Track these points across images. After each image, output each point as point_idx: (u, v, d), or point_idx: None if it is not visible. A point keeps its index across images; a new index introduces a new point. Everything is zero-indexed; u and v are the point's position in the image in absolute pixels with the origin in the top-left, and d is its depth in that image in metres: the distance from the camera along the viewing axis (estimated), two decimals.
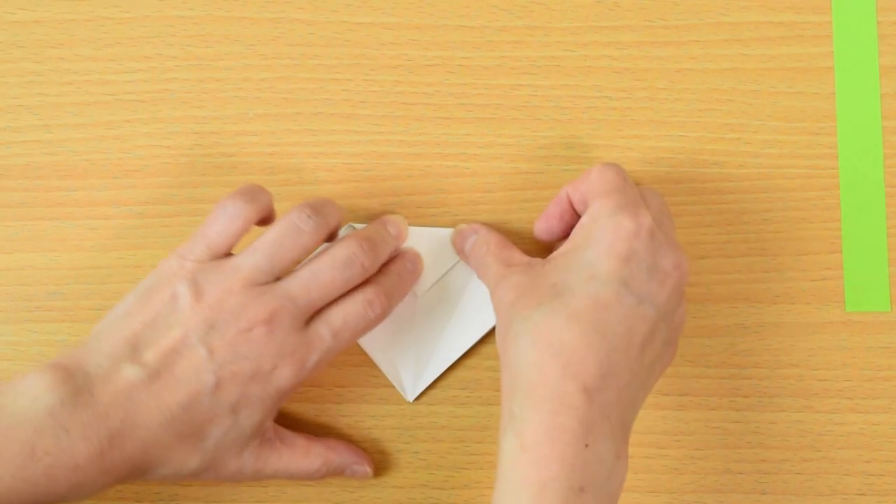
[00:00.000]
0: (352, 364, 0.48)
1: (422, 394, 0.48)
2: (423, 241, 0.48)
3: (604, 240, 0.40)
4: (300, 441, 0.44)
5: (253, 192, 0.43)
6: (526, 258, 0.44)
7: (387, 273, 0.45)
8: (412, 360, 0.48)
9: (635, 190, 0.42)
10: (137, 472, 0.40)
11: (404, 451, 0.48)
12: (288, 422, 0.48)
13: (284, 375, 0.41)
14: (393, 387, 0.48)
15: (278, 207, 0.49)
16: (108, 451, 0.38)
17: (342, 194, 0.49)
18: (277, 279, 0.42)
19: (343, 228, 0.48)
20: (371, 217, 0.49)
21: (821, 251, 0.49)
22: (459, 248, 0.47)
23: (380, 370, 0.48)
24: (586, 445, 0.37)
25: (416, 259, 0.47)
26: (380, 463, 0.48)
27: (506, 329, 0.40)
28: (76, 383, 0.39)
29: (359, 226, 0.48)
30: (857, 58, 0.50)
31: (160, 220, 0.49)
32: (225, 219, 0.42)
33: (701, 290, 0.49)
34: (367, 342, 0.48)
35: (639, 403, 0.40)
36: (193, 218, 0.49)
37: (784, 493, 0.47)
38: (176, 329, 0.40)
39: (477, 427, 0.48)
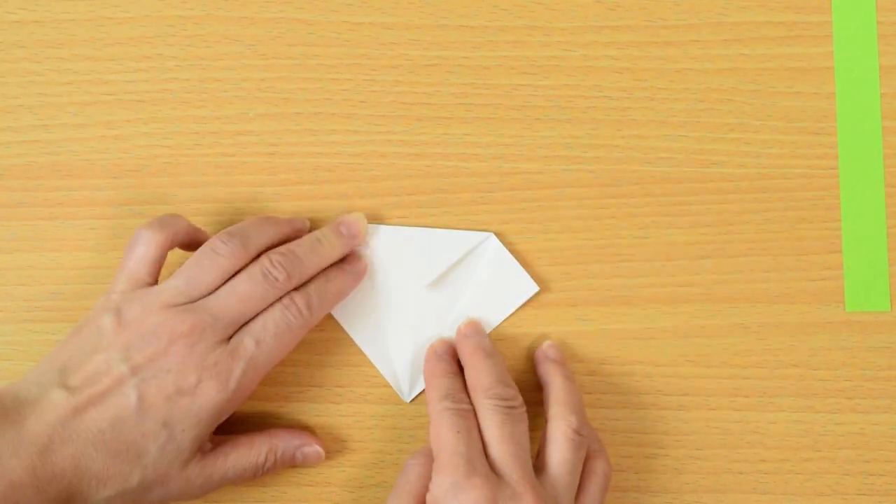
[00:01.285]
0: (352, 364, 0.48)
1: (420, 394, 0.48)
2: (422, 240, 0.48)
3: None
4: (241, 438, 0.45)
5: (163, 220, 0.45)
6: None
7: (316, 279, 0.45)
8: (410, 360, 0.48)
9: (467, 441, 0.42)
10: (76, 492, 0.40)
11: (404, 451, 0.48)
12: (287, 422, 0.48)
13: (211, 388, 0.41)
14: (391, 387, 0.48)
15: (279, 207, 0.49)
16: (40, 466, 0.39)
17: (342, 194, 0.49)
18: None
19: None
20: (371, 217, 0.49)
21: (821, 251, 0.49)
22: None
23: (379, 370, 0.48)
24: None
25: (354, 261, 0.47)
26: (380, 463, 0.48)
27: None
28: (4, 406, 0.40)
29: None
30: (857, 58, 0.50)
31: None
32: (138, 248, 0.44)
33: (701, 290, 0.49)
34: (365, 343, 0.48)
35: None
36: (193, 218, 0.49)
37: (784, 493, 0.47)
38: (99, 353, 0.41)
39: None
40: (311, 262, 0.45)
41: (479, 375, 0.44)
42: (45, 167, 0.50)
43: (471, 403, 0.44)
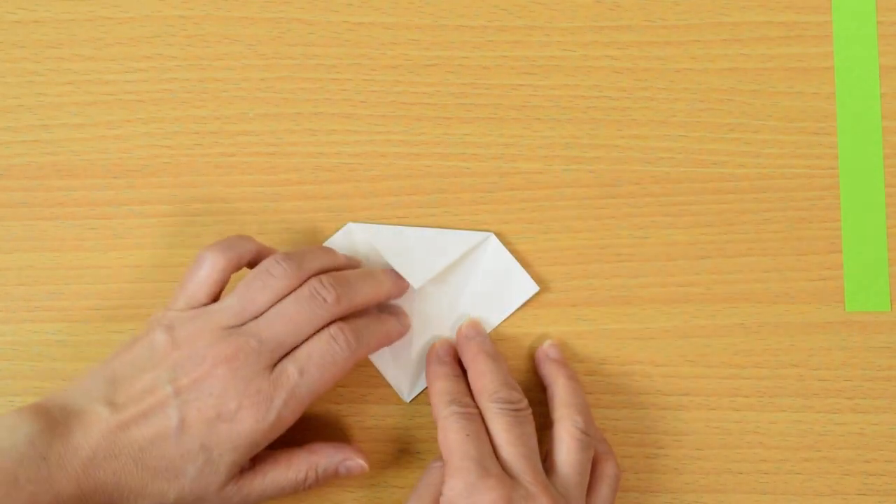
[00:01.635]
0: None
1: (420, 393, 0.48)
2: (422, 240, 0.48)
3: None
4: (280, 455, 0.44)
5: (230, 243, 0.45)
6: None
7: (364, 314, 0.45)
8: (410, 360, 0.48)
9: (476, 444, 0.42)
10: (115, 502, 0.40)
11: (404, 451, 0.48)
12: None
13: (250, 416, 0.41)
14: (391, 387, 0.48)
15: (279, 207, 0.49)
16: (84, 479, 0.39)
17: (342, 194, 0.49)
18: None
19: (342, 230, 0.48)
20: (371, 217, 0.49)
21: (821, 251, 0.49)
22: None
23: (379, 370, 0.48)
24: None
25: (403, 315, 0.48)
26: (380, 463, 0.48)
27: None
28: (53, 416, 0.40)
29: (357, 225, 0.48)
30: (857, 58, 0.50)
31: (160, 220, 0.49)
32: (201, 270, 0.44)
33: (701, 290, 0.49)
34: None
35: None
36: (193, 218, 0.49)
37: (784, 493, 0.47)
38: (148, 371, 0.41)
39: None
40: (361, 291, 0.45)
41: (484, 379, 0.44)
42: (45, 167, 0.50)
43: (476, 406, 0.44)
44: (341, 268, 0.46)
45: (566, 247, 0.49)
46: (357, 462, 0.45)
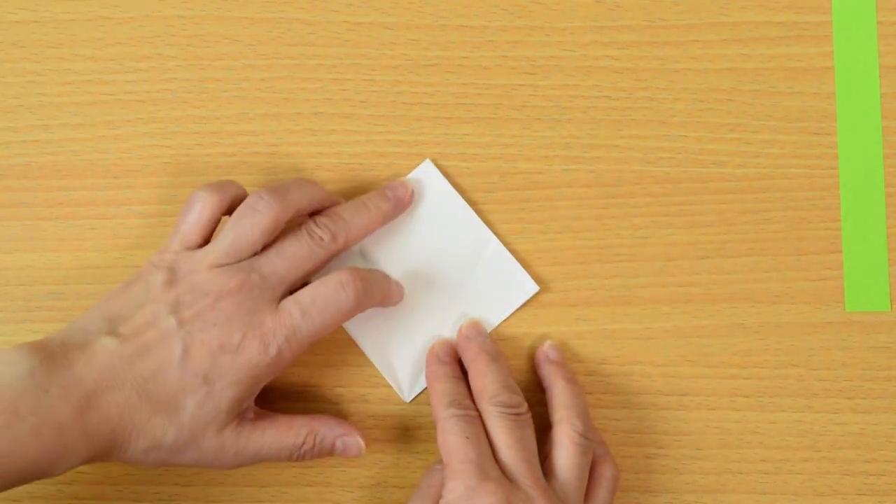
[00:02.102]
0: (352, 364, 0.48)
1: (422, 394, 0.48)
2: (449, 210, 0.48)
3: None
4: (281, 417, 0.44)
5: (220, 184, 0.45)
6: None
7: (374, 270, 0.46)
8: (409, 360, 0.48)
9: (476, 447, 0.42)
10: (119, 441, 0.40)
11: (404, 451, 0.48)
12: None
13: (253, 348, 0.41)
14: (392, 387, 0.48)
15: None
16: (87, 411, 0.39)
17: (342, 194, 0.49)
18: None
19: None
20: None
21: (821, 251, 0.49)
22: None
23: (379, 370, 0.48)
24: None
25: (400, 284, 0.48)
26: (379, 463, 0.48)
27: None
28: (52, 350, 0.40)
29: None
30: (857, 58, 0.50)
31: (160, 220, 0.49)
32: (192, 211, 0.44)
33: (701, 290, 0.49)
34: (365, 342, 0.48)
35: None
36: None
37: (784, 493, 0.47)
38: (148, 306, 0.42)
39: None
40: (356, 224, 0.46)
41: (484, 381, 0.44)
42: (45, 167, 0.50)
43: (476, 408, 0.44)
44: (325, 201, 0.46)
45: (566, 247, 0.49)
46: (355, 440, 0.45)
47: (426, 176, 0.49)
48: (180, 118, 0.50)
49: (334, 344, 0.48)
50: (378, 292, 0.45)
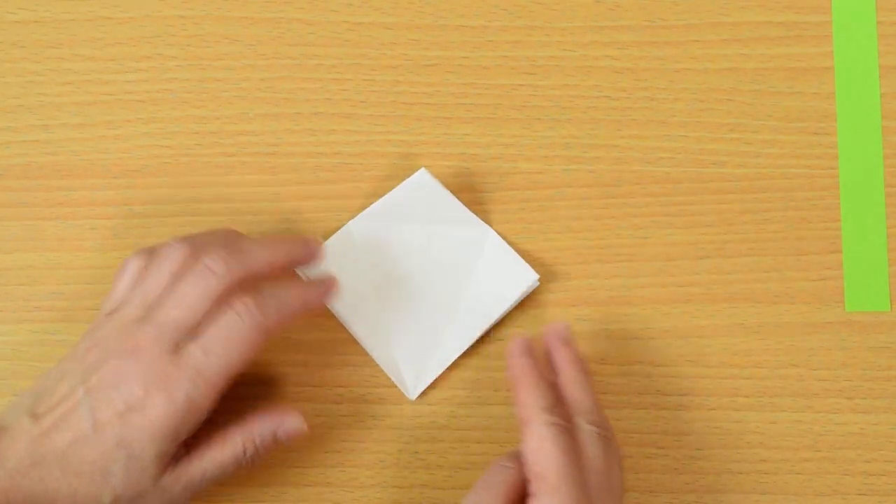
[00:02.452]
0: (352, 364, 0.48)
1: (422, 394, 0.48)
2: (445, 210, 0.48)
3: None
4: (214, 434, 0.43)
5: (152, 246, 0.44)
6: None
7: (274, 284, 0.43)
8: (414, 357, 0.48)
9: (575, 471, 0.40)
10: None
11: (404, 451, 0.48)
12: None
13: (159, 402, 0.40)
14: (393, 386, 0.48)
15: (279, 208, 0.49)
16: (10, 489, 0.39)
17: (342, 194, 0.49)
18: None
19: (341, 230, 0.48)
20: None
21: (821, 251, 0.49)
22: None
23: (380, 369, 0.48)
24: None
25: (328, 281, 0.45)
26: (380, 463, 0.48)
27: None
28: None
29: (353, 224, 0.48)
30: (857, 58, 0.50)
31: (160, 220, 0.49)
32: (124, 275, 0.43)
33: (701, 290, 0.49)
34: (368, 339, 0.48)
35: None
36: (193, 218, 0.49)
37: (784, 493, 0.47)
38: (66, 379, 0.41)
39: (477, 427, 0.48)
40: (256, 256, 0.43)
41: (583, 394, 0.42)
42: (45, 167, 0.50)
43: (571, 420, 0.42)
44: (243, 245, 0.44)
45: (566, 247, 0.49)
46: (293, 423, 0.44)
47: (421, 182, 0.49)
48: (180, 118, 0.50)
49: (334, 344, 0.48)
50: (283, 307, 0.42)
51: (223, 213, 0.49)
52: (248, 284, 0.42)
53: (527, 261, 0.49)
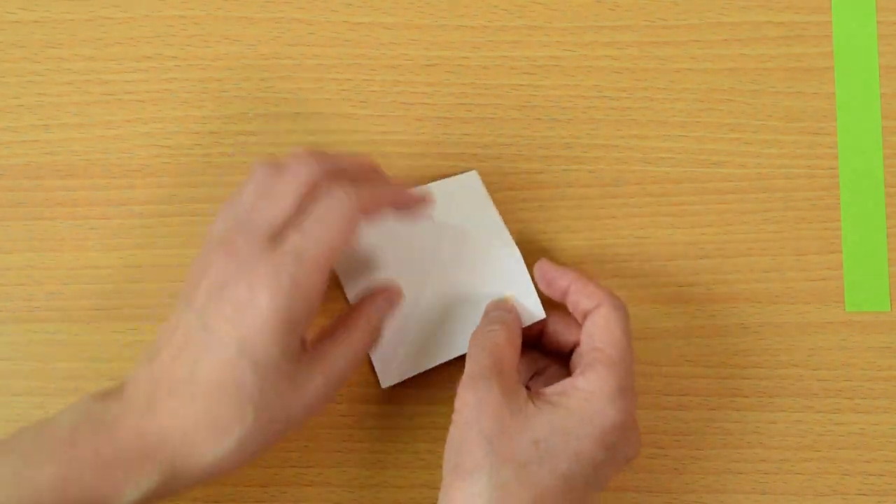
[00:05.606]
0: None
1: (422, 393, 0.48)
2: (480, 216, 0.48)
3: (597, 424, 0.40)
4: (336, 330, 0.42)
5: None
6: (516, 375, 0.42)
7: (365, 181, 0.42)
8: (400, 347, 0.47)
9: (631, 354, 0.42)
10: (189, 453, 0.38)
11: (404, 452, 0.48)
12: None
13: (265, 292, 0.38)
14: (394, 387, 0.48)
15: None
16: (145, 427, 0.38)
17: None
18: None
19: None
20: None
21: (821, 251, 0.49)
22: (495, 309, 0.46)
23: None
24: None
25: (420, 194, 0.44)
26: (380, 463, 0.48)
27: (477, 459, 0.39)
28: (106, 391, 0.40)
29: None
30: (857, 58, 0.50)
31: (160, 219, 0.49)
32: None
33: (701, 290, 0.49)
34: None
35: None
36: (193, 218, 0.49)
37: (784, 493, 0.47)
38: (174, 314, 0.40)
39: None
40: (345, 161, 0.42)
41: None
42: (45, 167, 0.50)
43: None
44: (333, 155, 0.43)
45: (566, 247, 0.49)
46: (394, 291, 0.45)
47: (468, 183, 0.48)
48: (180, 118, 0.50)
49: None
50: (378, 191, 0.41)
51: None
52: (340, 177, 0.41)
53: (526, 261, 0.49)
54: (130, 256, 0.49)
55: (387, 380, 0.47)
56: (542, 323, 0.46)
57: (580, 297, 0.44)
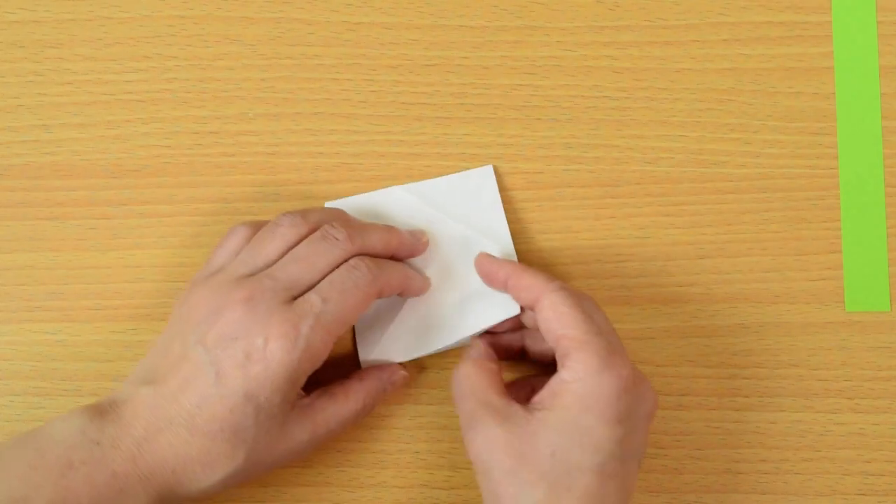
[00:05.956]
0: (352, 364, 0.48)
1: (422, 393, 0.48)
2: (485, 212, 0.48)
3: (595, 403, 0.39)
4: (336, 389, 0.44)
5: (257, 221, 0.46)
6: (504, 399, 0.42)
7: (385, 259, 0.45)
8: (385, 327, 0.47)
9: (600, 319, 0.42)
10: (182, 481, 0.40)
11: (404, 451, 0.48)
12: None
13: (279, 348, 0.40)
14: None
15: (279, 207, 0.49)
16: (139, 456, 0.40)
17: (342, 194, 0.49)
18: None
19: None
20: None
21: (821, 251, 0.49)
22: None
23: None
24: None
25: (424, 276, 0.47)
26: (380, 463, 0.48)
27: (512, 495, 0.39)
28: (101, 408, 0.41)
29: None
30: (857, 58, 0.50)
31: (160, 219, 0.49)
32: (228, 241, 0.45)
33: (701, 290, 0.49)
34: None
35: None
36: (193, 218, 0.49)
37: (784, 493, 0.47)
38: (177, 341, 0.42)
39: None
40: (374, 235, 0.44)
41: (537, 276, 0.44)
42: (45, 167, 0.50)
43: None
44: (360, 223, 0.46)
45: (566, 247, 0.49)
46: (399, 374, 0.46)
47: (479, 178, 0.49)
48: (180, 118, 0.50)
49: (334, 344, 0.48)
50: (394, 275, 0.44)
51: (223, 212, 0.49)
52: (365, 248, 0.44)
53: (527, 261, 0.49)
54: (130, 256, 0.49)
55: (364, 358, 0.47)
56: (521, 342, 0.47)
57: (519, 292, 0.44)
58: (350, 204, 0.48)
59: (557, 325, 0.41)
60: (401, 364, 0.46)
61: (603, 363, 0.40)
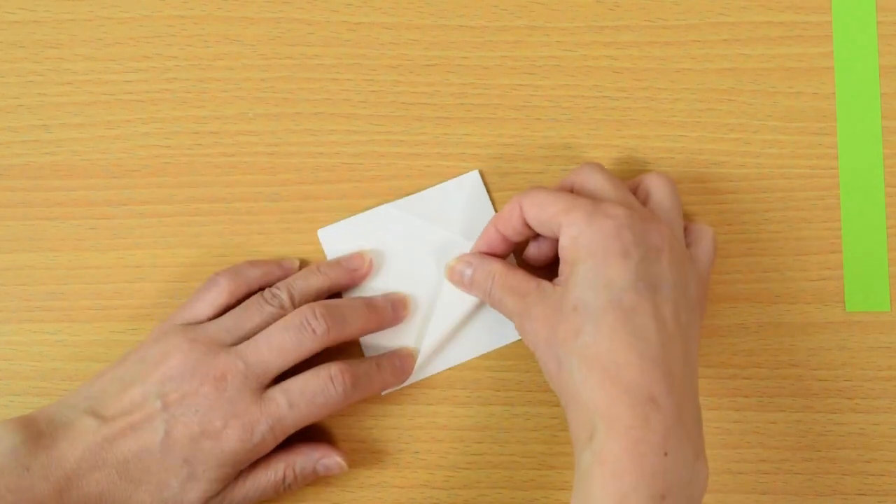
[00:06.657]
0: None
1: (422, 393, 0.48)
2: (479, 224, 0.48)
3: (595, 248, 0.40)
4: (258, 459, 0.44)
5: (240, 268, 0.46)
6: (533, 281, 0.43)
7: (368, 362, 0.46)
8: (389, 341, 0.47)
9: (592, 188, 0.43)
10: None
11: (404, 451, 0.48)
12: None
13: (234, 436, 0.42)
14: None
15: (279, 207, 0.49)
16: (66, 490, 0.40)
17: (342, 194, 0.49)
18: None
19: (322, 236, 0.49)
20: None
21: (821, 251, 0.49)
22: (459, 283, 0.47)
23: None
24: (665, 454, 0.37)
25: (406, 358, 0.47)
26: (380, 463, 0.48)
27: (556, 366, 0.40)
28: (39, 428, 0.41)
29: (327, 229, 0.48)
30: (857, 58, 0.50)
31: (160, 220, 0.49)
32: (210, 292, 0.45)
33: None
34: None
35: (696, 384, 0.41)
36: (193, 218, 0.49)
37: (784, 493, 0.47)
38: (138, 385, 0.42)
39: (477, 427, 0.48)
40: (353, 323, 0.45)
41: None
42: (45, 167, 0.50)
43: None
44: (345, 287, 0.47)
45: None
46: (335, 460, 0.45)
47: (467, 185, 0.49)
48: (180, 118, 0.50)
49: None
50: (369, 387, 0.45)
51: (223, 212, 0.49)
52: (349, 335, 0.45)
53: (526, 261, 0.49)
54: (130, 256, 0.49)
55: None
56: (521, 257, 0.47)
57: (506, 225, 0.45)
58: (343, 228, 0.48)
59: (541, 211, 0.42)
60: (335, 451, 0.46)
61: (590, 214, 0.41)
